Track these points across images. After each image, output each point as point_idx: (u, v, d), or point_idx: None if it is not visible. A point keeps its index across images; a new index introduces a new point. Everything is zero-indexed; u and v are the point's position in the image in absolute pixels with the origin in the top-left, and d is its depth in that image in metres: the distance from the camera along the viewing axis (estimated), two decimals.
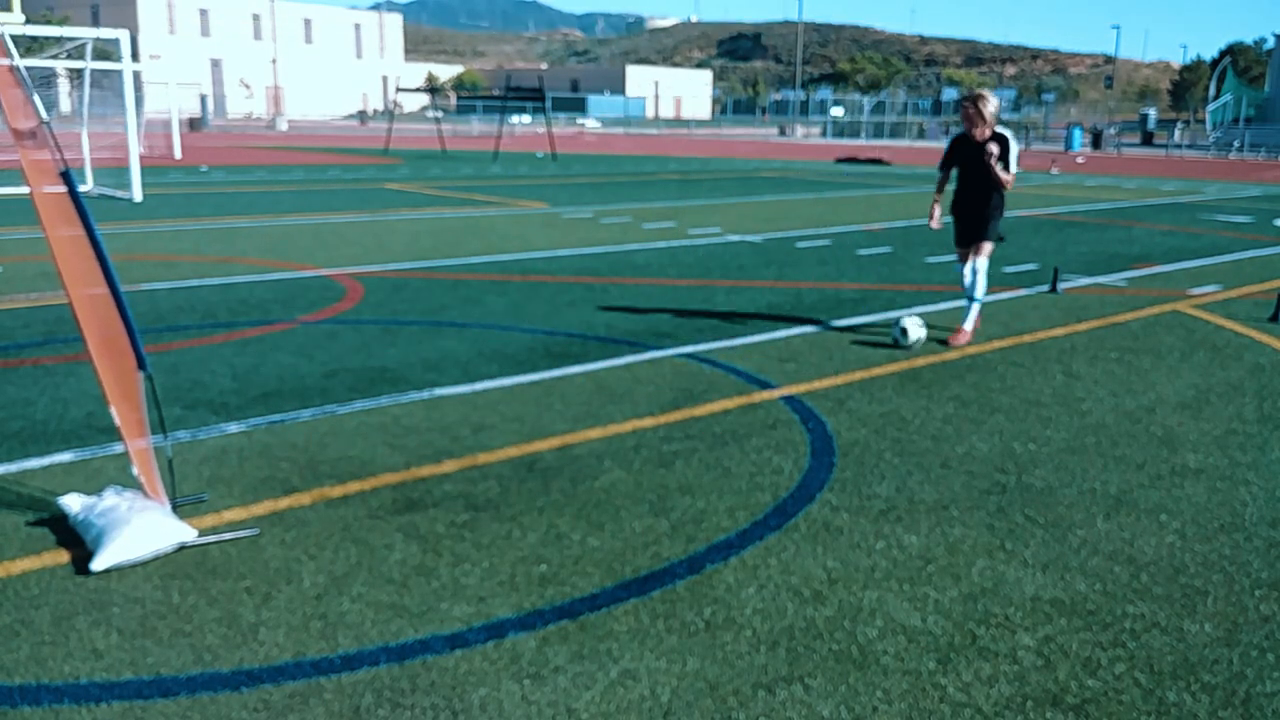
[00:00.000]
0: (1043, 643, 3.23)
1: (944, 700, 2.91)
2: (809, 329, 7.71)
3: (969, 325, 7.41)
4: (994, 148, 7.04)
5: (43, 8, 64.88)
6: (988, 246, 7.39)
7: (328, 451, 4.78)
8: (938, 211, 7.69)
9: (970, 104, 7.11)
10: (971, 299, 7.38)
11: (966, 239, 7.47)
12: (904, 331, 7.02)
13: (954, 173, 7.56)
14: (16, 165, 4.14)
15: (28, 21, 14.39)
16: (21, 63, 3.72)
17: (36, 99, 3.59)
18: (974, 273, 7.35)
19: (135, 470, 3.95)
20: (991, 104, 7.09)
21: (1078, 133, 49.03)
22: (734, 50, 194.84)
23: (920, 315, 7.48)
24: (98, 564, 3.53)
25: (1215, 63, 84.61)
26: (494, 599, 3.43)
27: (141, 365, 3.72)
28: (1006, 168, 7.12)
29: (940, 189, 7.74)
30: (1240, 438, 5.32)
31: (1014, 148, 7.16)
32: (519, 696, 2.88)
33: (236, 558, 3.69)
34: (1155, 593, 3.57)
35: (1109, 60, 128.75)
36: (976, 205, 7.40)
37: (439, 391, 5.82)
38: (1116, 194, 22.46)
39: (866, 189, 22.68)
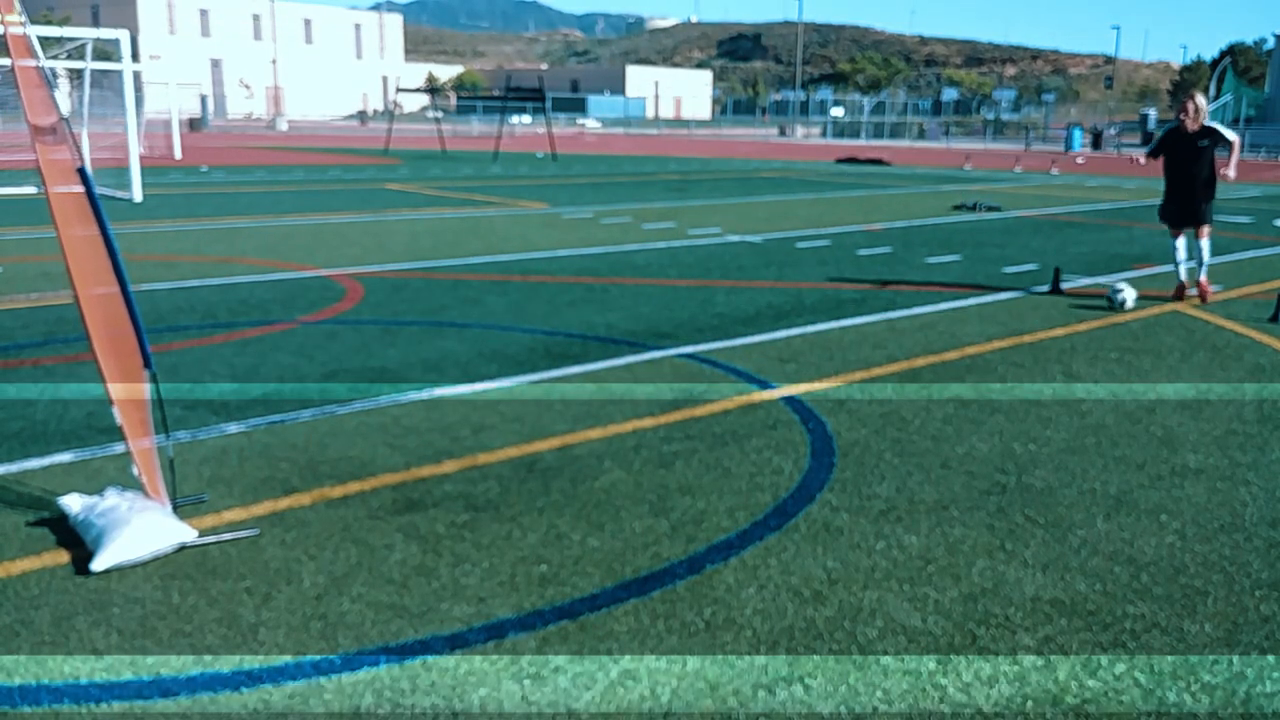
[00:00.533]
0: (1043, 643, 3.23)
1: (944, 700, 2.91)
2: (809, 329, 7.70)
3: (1205, 278, 9.06)
4: (1228, 172, 8.85)
5: (43, 8, 64.92)
6: (1208, 228, 8.99)
7: (328, 452, 4.78)
8: (1143, 160, 9.35)
9: (1189, 100, 8.83)
10: (1202, 263, 9.01)
11: (1183, 220, 9.05)
12: (1121, 300, 8.67)
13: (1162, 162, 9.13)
14: (18, 165, 4.14)
15: (28, 21, 14.36)
16: (47, 63, 3.72)
17: (58, 97, 3.60)
18: (1200, 250, 8.98)
19: (136, 470, 3.95)
20: (1204, 100, 8.87)
21: (1078, 133, 49.01)
22: (734, 50, 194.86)
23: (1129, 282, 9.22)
24: (98, 564, 3.53)
25: (1215, 63, 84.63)
26: (494, 599, 3.43)
27: (147, 364, 3.72)
28: (1228, 149, 8.83)
29: (1148, 159, 9.34)
30: (1240, 438, 5.32)
31: (1225, 132, 8.80)
32: (519, 696, 2.88)
33: (236, 558, 3.69)
34: (1155, 593, 3.57)
35: (1109, 60, 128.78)
36: (1191, 190, 8.89)
37: (439, 391, 5.82)
38: (1117, 194, 22.46)
39: (866, 189, 22.68)
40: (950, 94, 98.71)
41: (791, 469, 4.70)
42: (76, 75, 20.62)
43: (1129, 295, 8.68)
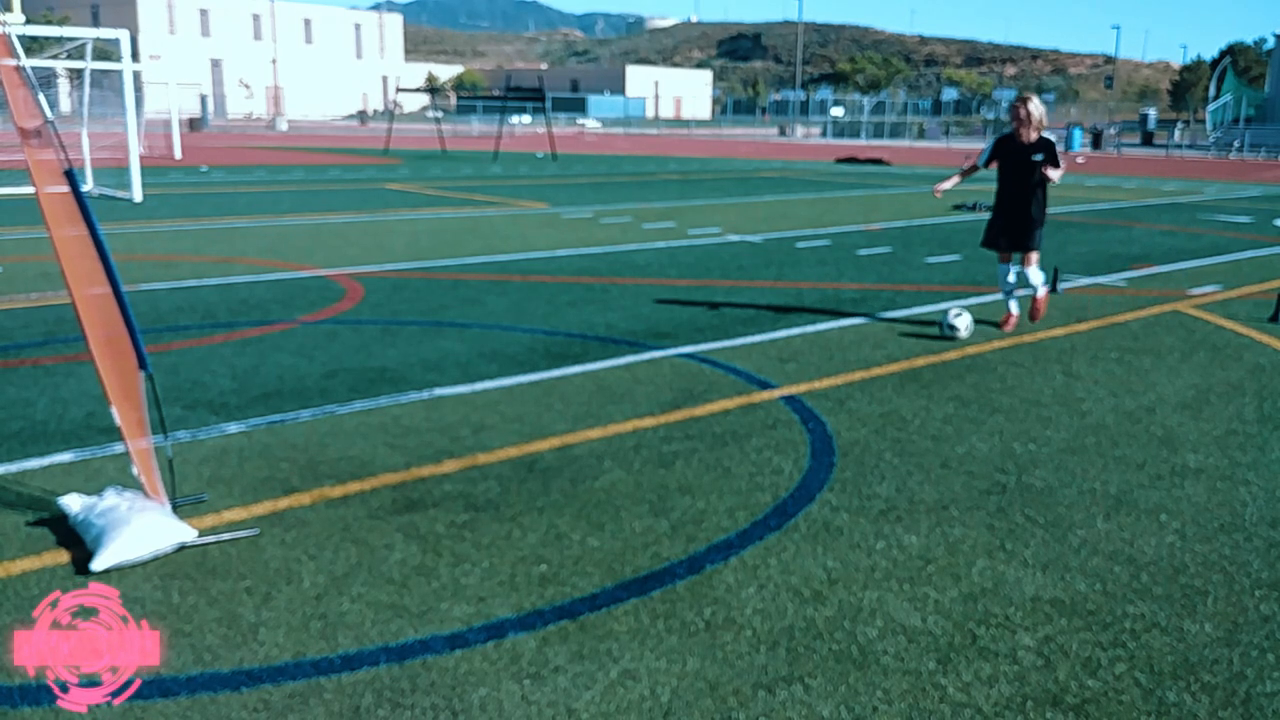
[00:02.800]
0: (1043, 643, 3.23)
1: (944, 700, 2.91)
2: (809, 329, 7.70)
3: (1042, 295, 7.80)
4: (1052, 173, 7.25)
5: (43, 8, 64.91)
6: (1036, 256, 7.64)
7: (328, 451, 4.78)
8: (953, 184, 7.96)
9: (1020, 105, 7.36)
10: (1030, 286, 7.77)
11: (1009, 244, 7.65)
12: (952, 327, 7.37)
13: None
14: (17, 165, 4.14)
15: (28, 21, 14.38)
16: (27, 63, 3.72)
17: (42, 99, 3.59)
18: (1022, 276, 7.69)
19: (135, 470, 3.95)
20: (1039, 108, 7.36)
21: (1078, 133, 49.04)
22: (734, 50, 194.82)
23: (962, 307, 7.70)
24: (98, 564, 3.53)
25: (1215, 63, 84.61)
26: (494, 599, 3.43)
27: (143, 365, 3.72)
28: (1056, 167, 7.30)
29: (965, 175, 7.94)
30: (1240, 438, 5.32)
31: (1058, 148, 7.41)
32: (519, 696, 2.88)
33: (236, 558, 3.69)
34: (1155, 593, 3.57)
35: (1109, 60, 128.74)
36: (1020, 208, 7.50)
37: (439, 391, 5.82)
38: (1116, 194, 22.46)
39: (866, 189, 22.68)
40: (950, 94, 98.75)
41: (791, 469, 4.70)
42: (76, 75, 20.61)
43: (962, 324, 7.38)
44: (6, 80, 3.64)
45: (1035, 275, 7.65)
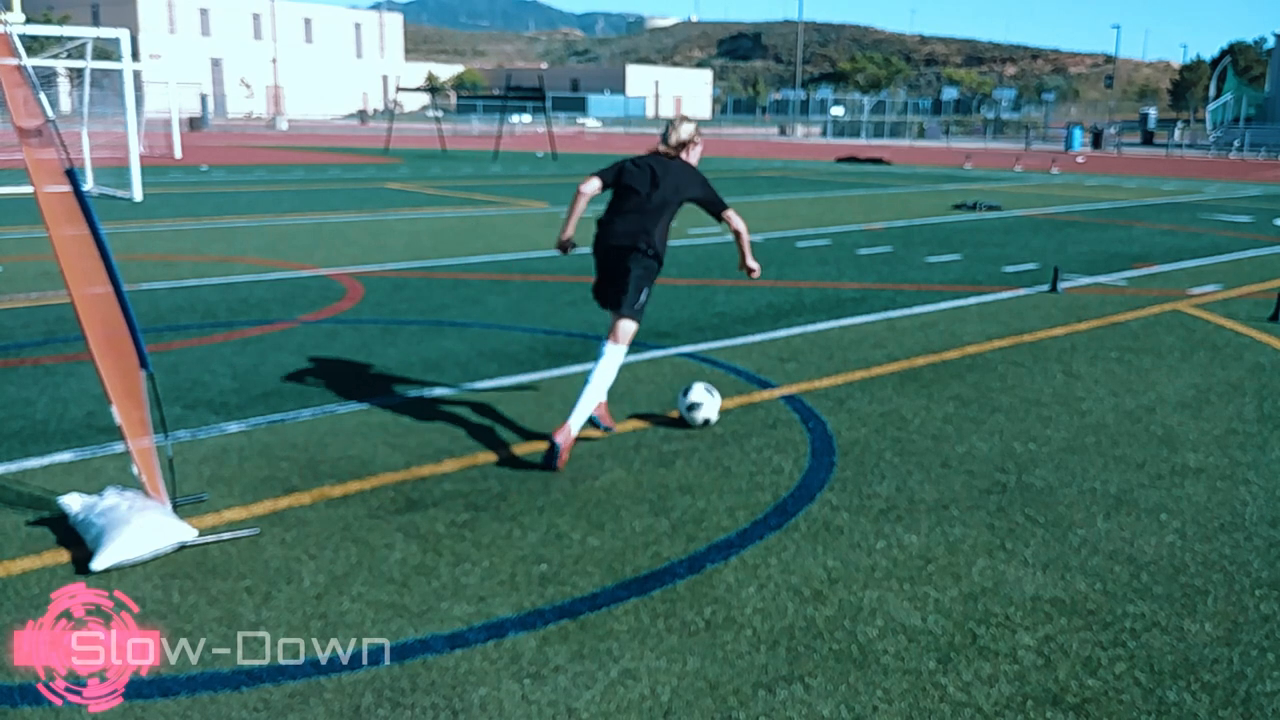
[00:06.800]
0: (1043, 642, 3.23)
1: (944, 700, 2.91)
2: (809, 328, 7.70)
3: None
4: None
5: (43, 7, 64.86)
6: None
7: (328, 451, 4.78)
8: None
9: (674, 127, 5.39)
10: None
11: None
12: (694, 407, 5.23)
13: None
14: (17, 165, 4.14)
15: (28, 21, 14.38)
16: (28, 62, 3.72)
17: (43, 98, 3.59)
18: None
19: (136, 469, 3.95)
20: (690, 129, 5.39)
21: (1078, 132, 49.05)
22: (734, 50, 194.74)
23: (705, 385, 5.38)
24: (98, 564, 3.53)
25: (1215, 62, 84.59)
26: (494, 598, 3.43)
27: (144, 364, 3.72)
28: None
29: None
30: (1240, 437, 5.31)
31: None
32: (519, 696, 2.88)
33: (236, 557, 3.69)
34: (1155, 592, 3.57)
35: (1109, 60, 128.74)
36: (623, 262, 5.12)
37: (439, 391, 5.82)
38: (1116, 194, 22.45)
39: (866, 189, 22.68)
40: (950, 93, 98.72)
41: (792, 468, 4.70)
42: (77, 75, 20.61)
43: (702, 414, 5.20)
44: (6, 80, 3.64)
45: None
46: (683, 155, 5.31)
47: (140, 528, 3.62)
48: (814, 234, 13.75)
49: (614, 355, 4.89)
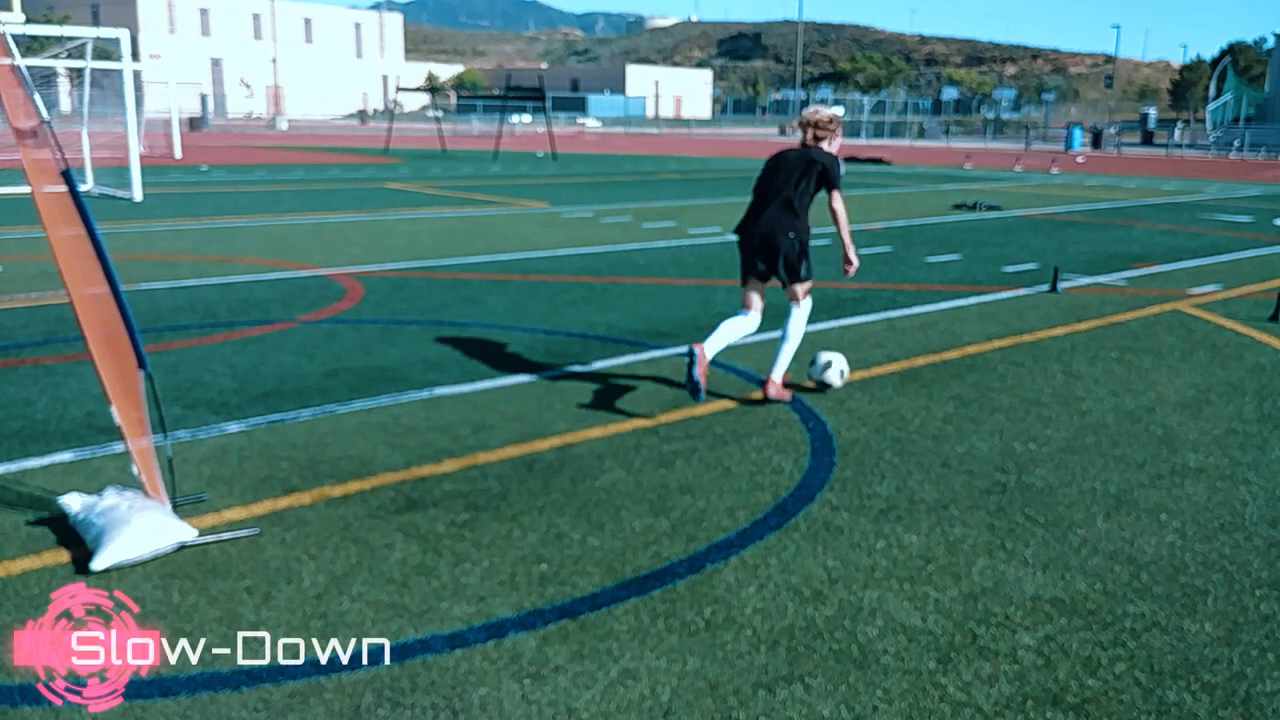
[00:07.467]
0: (1043, 642, 3.23)
1: (944, 700, 2.91)
2: (809, 328, 7.69)
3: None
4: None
5: (43, 7, 64.83)
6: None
7: (328, 451, 4.78)
8: None
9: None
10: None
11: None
12: (823, 370, 5.92)
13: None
14: (17, 165, 4.13)
15: (28, 21, 14.38)
16: (22, 62, 3.71)
17: (37, 98, 3.59)
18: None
19: (136, 469, 3.95)
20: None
21: (1078, 132, 49.04)
22: (734, 50, 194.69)
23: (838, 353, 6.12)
24: (98, 564, 3.53)
25: (1215, 62, 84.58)
26: (494, 598, 3.43)
27: (142, 364, 3.72)
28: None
29: None
30: (1240, 437, 5.31)
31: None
32: (519, 696, 2.88)
33: (236, 557, 3.69)
34: (1155, 592, 3.57)
35: (1109, 60, 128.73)
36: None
37: (439, 391, 5.82)
38: (1116, 194, 22.45)
39: (866, 188, 22.67)
40: (950, 93, 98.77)
41: (792, 468, 4.70)
42: (77, 75, 20.60)
43: (834, 374, 5.90)
44: (2, 80, 3.64)
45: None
46: (822, 145, 5.84)
47: (140, 528, 3.62)
48: (814, 234, 13.74)
49: (799, 314, 5.82)
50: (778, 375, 5.77)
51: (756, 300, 5.77)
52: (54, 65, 21.15)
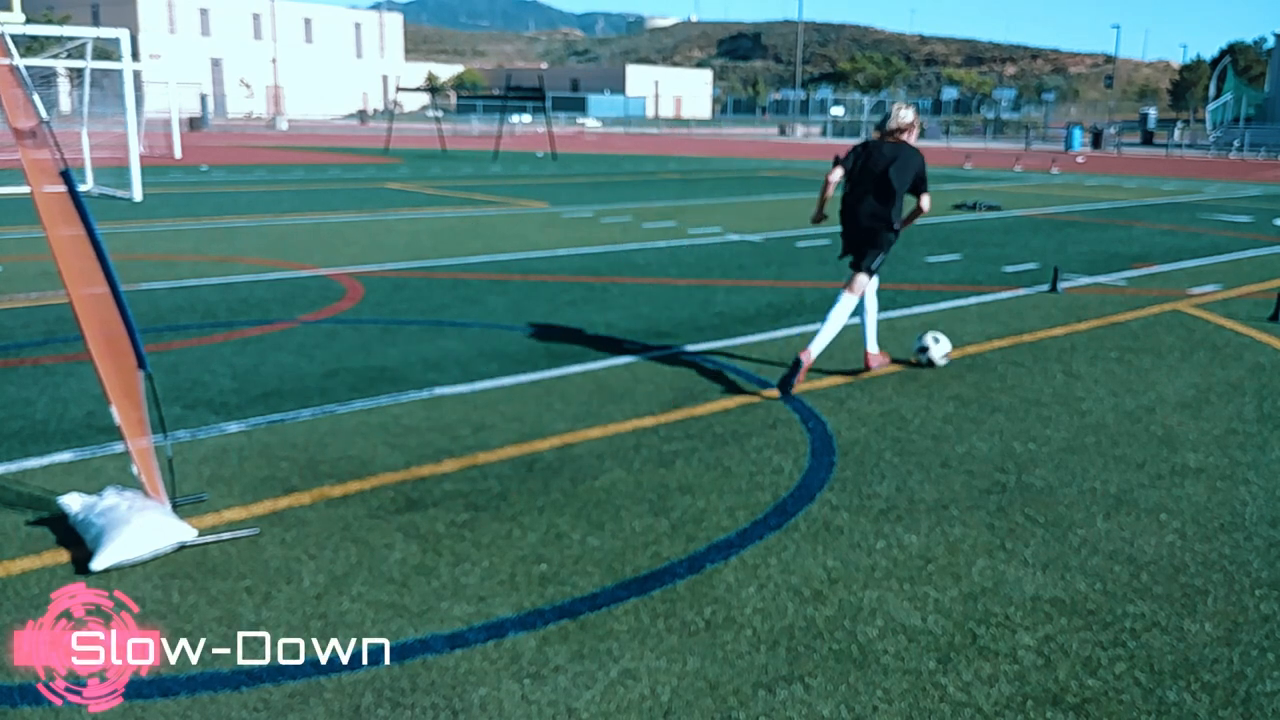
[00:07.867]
0: (1043, 642, 3.23)
1: (944, 700, 2.91)
2: (809, 328, 7.69)
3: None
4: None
5: (43, 7, 64.84)
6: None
7: (328, 451, 4.78)
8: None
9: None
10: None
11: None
12: (924, 350, 6.54)
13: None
14: (17, 165, 4.13)
15: (28, 21, 14.38)
16: (22, 62, 3.72)
17: (36, 98, 3.59)
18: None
19: (135, 469, 3.95)
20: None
21: (1078, 132, 49.03)
22: (734, 50, 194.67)
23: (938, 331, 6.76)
24: (98, 563, 3.53)
25: (1215, 62, 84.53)
26: (494, 598, 3.43)
27: (141, 364, 3.72)
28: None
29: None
30: (1240, 437, 5.31)
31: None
32: (519, 696, 2.88)
33: (236, 557, 3.69)
34: (1155, 592, 3.57)
35: (1109, 60, 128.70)
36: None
37: (439, 391, 5.82)
38: (1116, 194, 22.45)
39: None
40: (950, 93, 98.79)
41: (791, 468, 4.70)
42: (77, 75, 20.61)
43: (937, 352, 6.56)
44: (2, 80, 3.64)
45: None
46: (904, 138, 6.19)
47: (140, 528, 3.62)
48: (814, 234, 13.74)
49: (847, 300, 6.15)
50: (872, 347, 6.52)
51: (862, 279, 6.26)
52: (54, 65, 21.15)
